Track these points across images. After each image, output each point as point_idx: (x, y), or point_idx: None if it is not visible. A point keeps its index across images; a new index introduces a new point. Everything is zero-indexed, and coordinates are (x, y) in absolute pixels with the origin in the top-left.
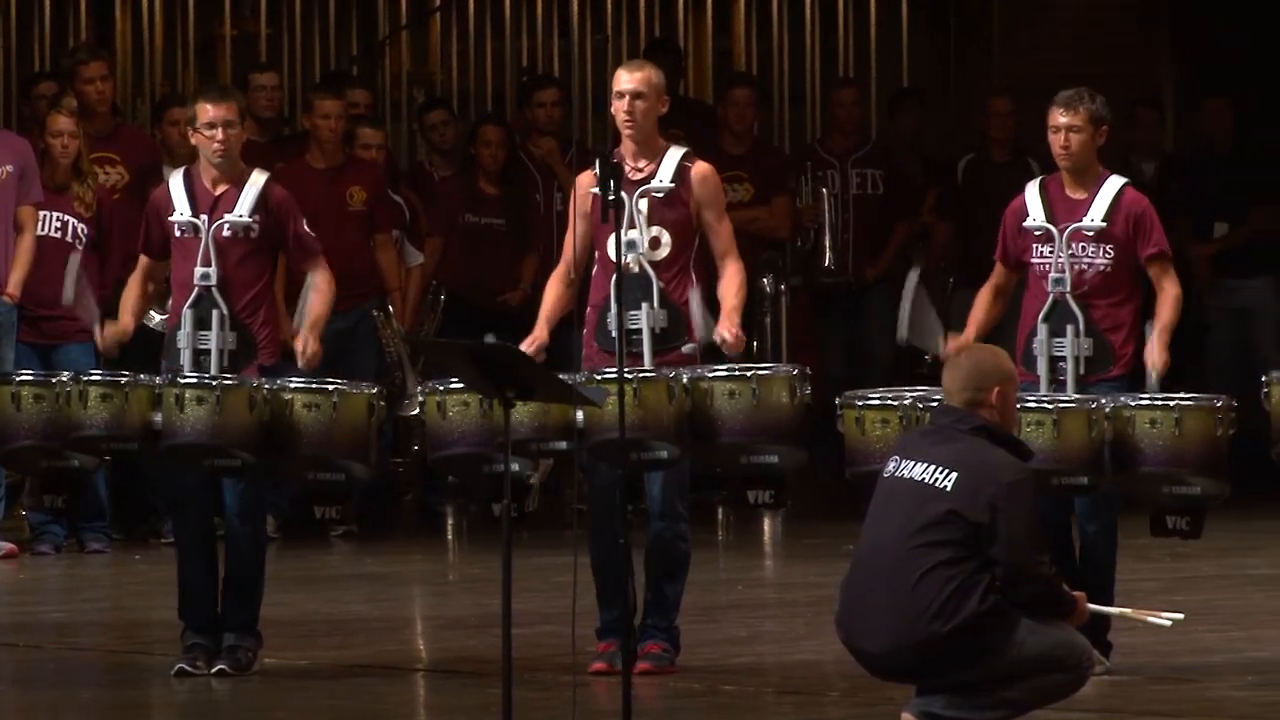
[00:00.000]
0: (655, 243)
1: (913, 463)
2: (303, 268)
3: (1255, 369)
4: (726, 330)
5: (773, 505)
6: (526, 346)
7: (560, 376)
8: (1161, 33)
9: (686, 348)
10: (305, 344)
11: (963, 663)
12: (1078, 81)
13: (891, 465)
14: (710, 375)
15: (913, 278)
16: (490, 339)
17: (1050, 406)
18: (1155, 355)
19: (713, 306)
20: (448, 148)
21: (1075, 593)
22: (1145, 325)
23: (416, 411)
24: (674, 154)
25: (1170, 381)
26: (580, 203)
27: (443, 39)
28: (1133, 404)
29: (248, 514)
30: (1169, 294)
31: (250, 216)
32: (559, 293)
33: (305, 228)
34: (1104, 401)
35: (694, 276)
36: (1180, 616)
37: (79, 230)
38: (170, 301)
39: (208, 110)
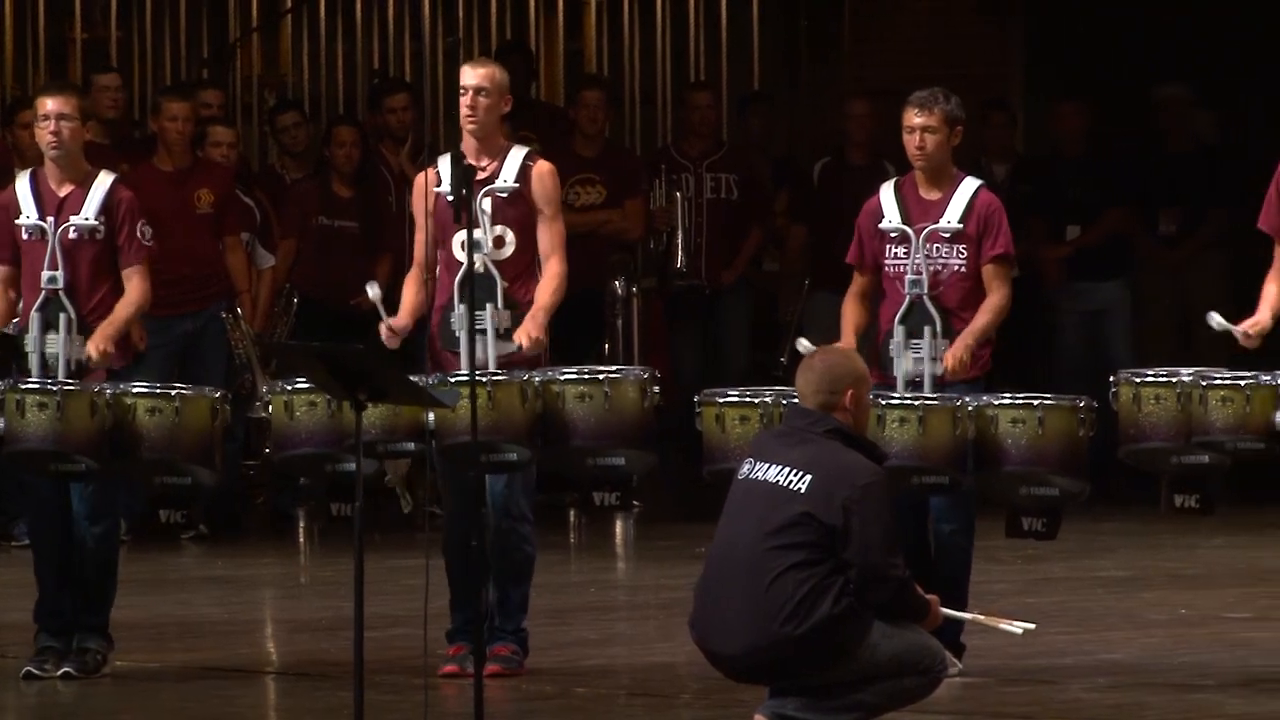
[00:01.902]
0: (499, 242)
1: (767, 465)
2: (124, 271)
3: (1106, 372)
4: (524, 333)
5: (619, 507)
6: (389, 329)
7: (412, 379)
8: (1013, 35)
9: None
10: (97, 344)
11: (816, 665)
12: (929, 83)
13: (746, 467)
14: (562, 378)
15: None
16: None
17: (915, 404)
18: (951, 353)
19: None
20: (299, 150)
21: (929, 596)
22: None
23: (266, 414)
24: (517, 153)
25: (1020, 384)
26: (418, 204)
27: (293, 41)
28: (996, 403)
29: (96, 517)
30: (993, 300)
31: (96, 219)
32: (416, 290)
33: (140, 233)
34: (968, 400)
35: (538, 275)
36: (1032, 626)
37: None
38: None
39: (44, 103)
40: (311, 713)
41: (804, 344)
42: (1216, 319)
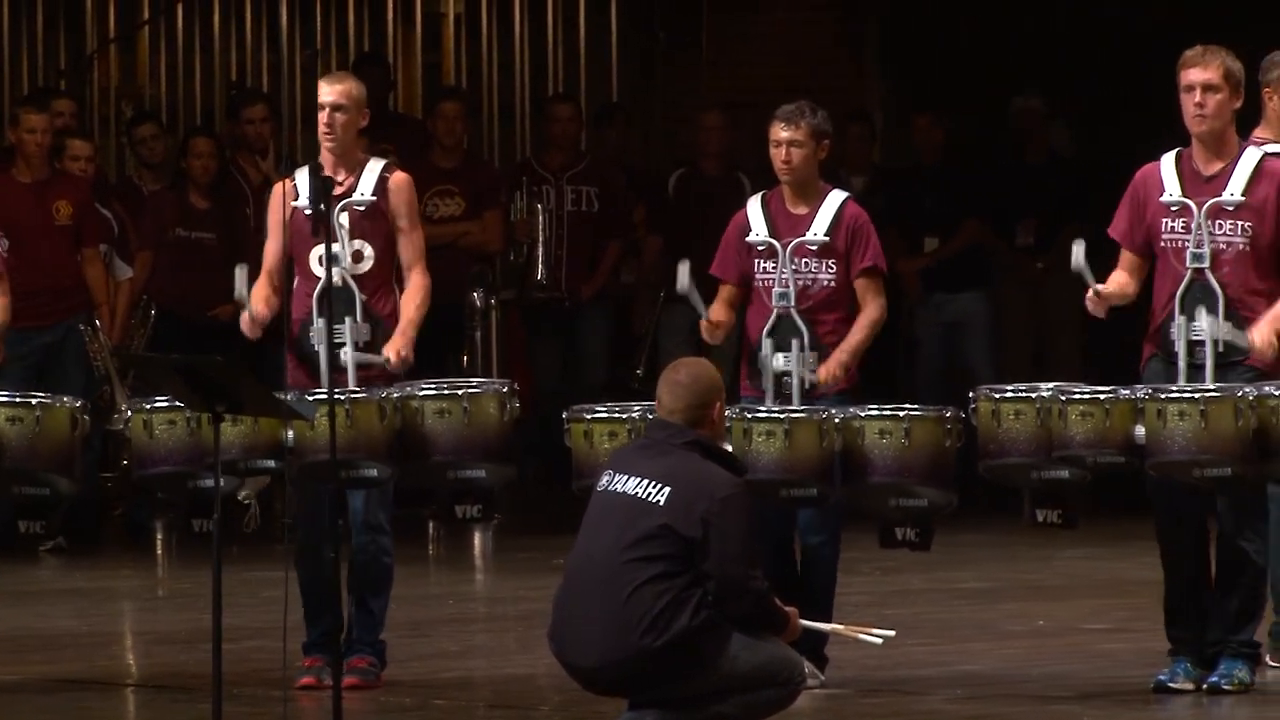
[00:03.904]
0: (358, 256)
1: (626, 477)
2: None
3: (966, 382)
4: (393, 349)
5: (480, 519)
6: (249, 327)
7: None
8: (870, 48)
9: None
10: None
11: (675, 677)
12: (786, 96)
13: (605, 479)
14: (420, 394)
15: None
16: None
17: (781, 417)
18: (825, 367)
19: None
20: (157, 162)
21: (788, 608)
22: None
23: (125, 429)
24: (374, 166)
25: (882, 395)
26: (275, 214)
27: (151, 53)
28: (863, 415)
29: None
30: (868, 314)
31: None
32: (266, 295)
33: None
34: (834, 412)
35: (396, 289)
36: (891, 633)
37: None
38: None
39: None
40: None
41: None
42: (1079, 258)
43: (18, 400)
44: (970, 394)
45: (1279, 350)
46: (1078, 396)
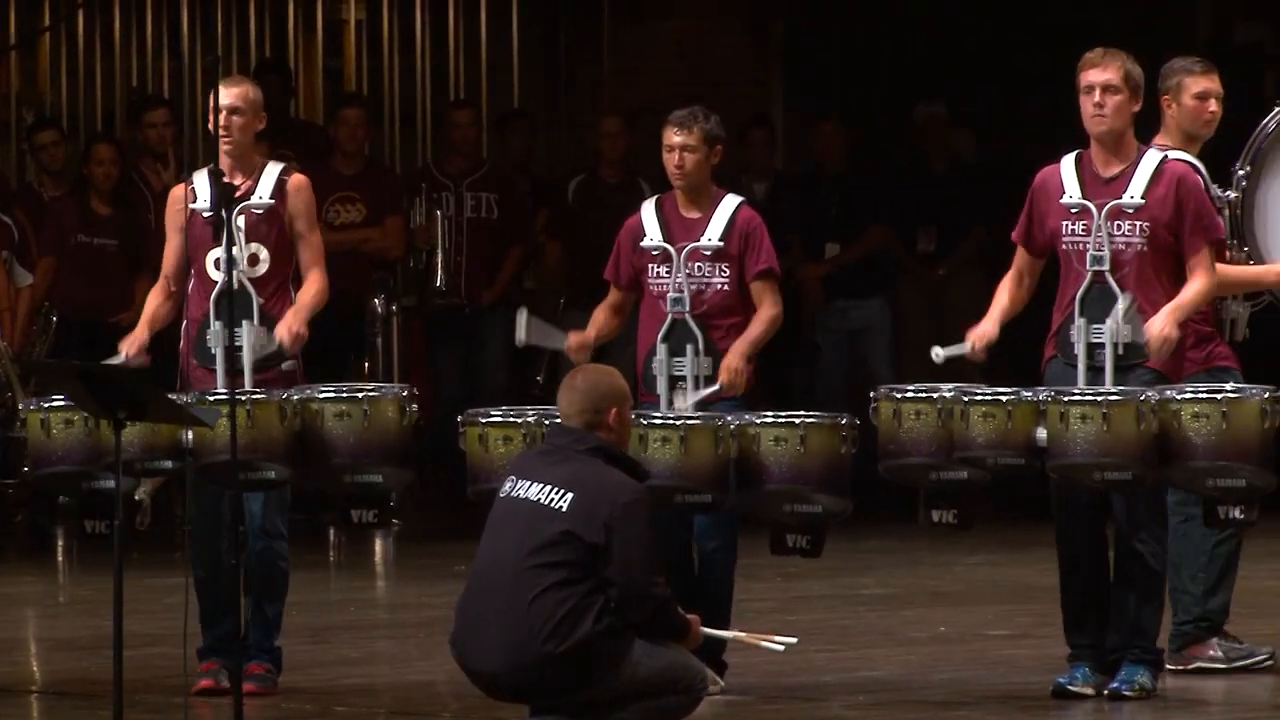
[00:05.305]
0: (254, 259)
1: (529, 483)
2: None
3: (868, 389)
4: (285, 327)
5: (377, 524)
6: (127, 346)
7: (172, 397)
8: (772, 54)
9: (286, 365)
10: None
11: (577, 683)
12: (689, 102)
13: (508, 485)
14: (320, 396)
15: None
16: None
17: (676, 423)
18: (725, 365)
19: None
20: (58, 168)
21: (690, 615)
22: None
23: (24, 433)
24: (272, 169)
25: (782, 402)
26: (176, 217)
27: (52, 59)
28: (758, 421)
29: None
30: (765, 313)
31: None
32: (159, 302)
33: None
34: (729, 419)
35: (292, 291)
36: (794, 641)
37: None
38: None
39: None
40: None
41: (938, 352)
42: (938, 352)
43: None
44: (871, 394)
45: (1174, 343)
46: (980, 397)
